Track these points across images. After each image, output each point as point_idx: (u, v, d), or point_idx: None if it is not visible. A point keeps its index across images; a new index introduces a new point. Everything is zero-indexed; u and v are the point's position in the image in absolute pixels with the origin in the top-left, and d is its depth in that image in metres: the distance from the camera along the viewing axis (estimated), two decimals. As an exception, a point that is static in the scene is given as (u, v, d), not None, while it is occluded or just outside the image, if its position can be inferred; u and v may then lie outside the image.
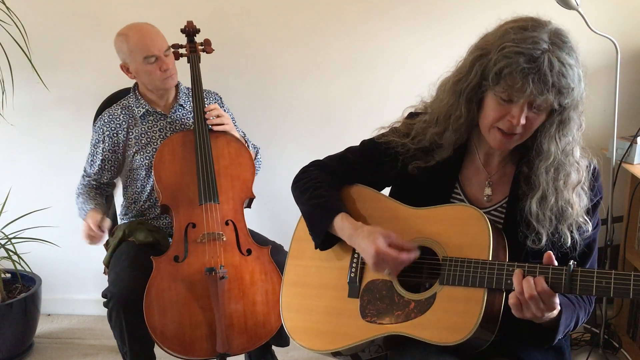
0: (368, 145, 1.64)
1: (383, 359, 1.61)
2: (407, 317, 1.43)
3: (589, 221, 1.44)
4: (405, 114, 1.62)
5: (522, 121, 1.33)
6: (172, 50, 2.35)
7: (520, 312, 1.31)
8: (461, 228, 1.43)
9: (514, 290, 1.31)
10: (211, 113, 2.30)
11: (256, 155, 2.52)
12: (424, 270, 1.50)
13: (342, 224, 1.54)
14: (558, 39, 1.31)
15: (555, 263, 1.31)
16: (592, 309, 1.50)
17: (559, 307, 1.32)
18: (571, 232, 1.42)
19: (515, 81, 1.28)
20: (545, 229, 1.40)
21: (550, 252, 1.32)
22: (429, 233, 1.48)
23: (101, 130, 2.37)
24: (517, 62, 1.28)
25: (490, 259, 1.37)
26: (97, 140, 2.38)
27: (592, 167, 1.47)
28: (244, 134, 2.48)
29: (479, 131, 1.47)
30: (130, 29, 2.30)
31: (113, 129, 2.36)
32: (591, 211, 1.46)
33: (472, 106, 1.42)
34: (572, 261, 1.29)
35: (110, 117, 2.38)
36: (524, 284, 1.29)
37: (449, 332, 1.35)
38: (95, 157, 2.40)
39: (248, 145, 2.43)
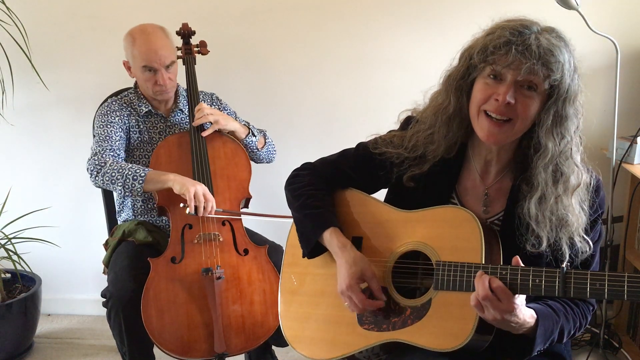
0: (363, 152, 1.60)
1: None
2: (404, 323, 1.43)
3: (589, 241, 1.40)
4: (402, 118, 1.60)
5: (510, 99, 1.29)
6: (175, 63, 2.31)
7: (482, 314, 1.28)
8: (453, 230, 1.41)
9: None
10: (197, 116, 2.28)
11: (265, 138, 2.48)
12: (419, 274, 1.49)
13: (330, 240, 1.53)
14: (549, 29, 1.32)
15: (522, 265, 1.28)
16: (586, 322, 1.46)
17: (519, 309, 1.27)
18: (570, 247, 1.38)
19: (499, 50, 1.28)
20: (545, 232, 1.36)
21: (517, 256, 1.28)
22: (420, 237, 1.46)
23: (108, 115, 2.31)
24: (502, 34, 1.28)
25: (483, 261, 1.34)
26: (105, 123, 2.29)
27: (593, 184, 1.41)
28: (247, 123, 2.46)
29: (475, 138, 1.44)
30: (141, 33, 2.26)
31: (122, 114, 2.33)
32: (589, 228, 1.41)
33: (461, 95, 1.39)
34: (565, 263, 1.27)
35: (118, 105, 2.35)
36: (478, 283, 1.26)
37: (446, 338, 1.34)
38: (107, 136, 2.26)
39: (253, 132, 2.40)
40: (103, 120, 2.30)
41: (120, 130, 2.31)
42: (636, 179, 2.47)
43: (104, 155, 2.22)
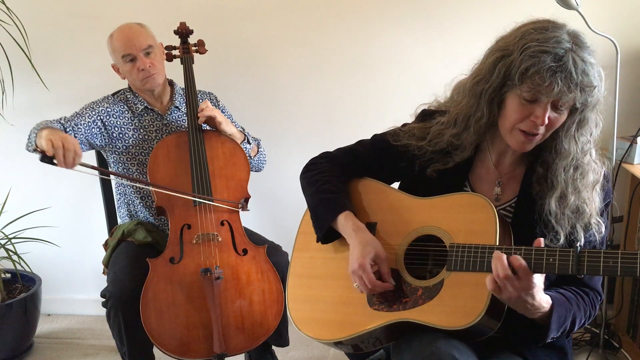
0: (381, 142, 1.64)
1: (385, 351, 1.61)
2: (415, 303, 1.43)
3: (602, 222, 1.44)
4: (418, 111, 1.63)
5: (546, 121, 1.34)
6: (155, 49, 2.31)
7: (499, 294, 1.29)
8: (467, 215, 1.43)
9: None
10: (203, 114, 2.27)
11: (258, 147, 2.49)
12: (431, 258, 1.51)
13: (345, 223, 1.54)
14: (578, 40, 1.33)
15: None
16: (595, 312, 1.48)
17: (537, 289, 1.29)
18: (585, 231, 1.42)
19: (543, 80, 1.29)
20: (563, 229, 1.41)
21: (540, 238, 1.31)
22: (435, 221, 1.48)
23: (97, 103, 2.36)
24: (543, 61, 1.29)
25: (497, 244, 1.36)
26: (87, 106, 2.35)
27: (603, 171, 1.47)
28: (243, 129, 2.47)
29: (493, 131, 1.49)
30: (117, 29, 2.32)
31: (112, 109, 2.35)
32: (604, 212, 1.46)
33: (493, 107, 1.42)
34: (578, 243, 1.31)
35: (113, 99, 2.38)
36: (497, 263, 1.27)
37: (457, 317, 1.35)
38: (79, 115, 2.31)
39: (248, 139, 2.41)
40: (88, 104, 2.36)
41: (97, 117, 2.32)
42: (636, 179, 2.47)
43: (52, 121, 2.23)
